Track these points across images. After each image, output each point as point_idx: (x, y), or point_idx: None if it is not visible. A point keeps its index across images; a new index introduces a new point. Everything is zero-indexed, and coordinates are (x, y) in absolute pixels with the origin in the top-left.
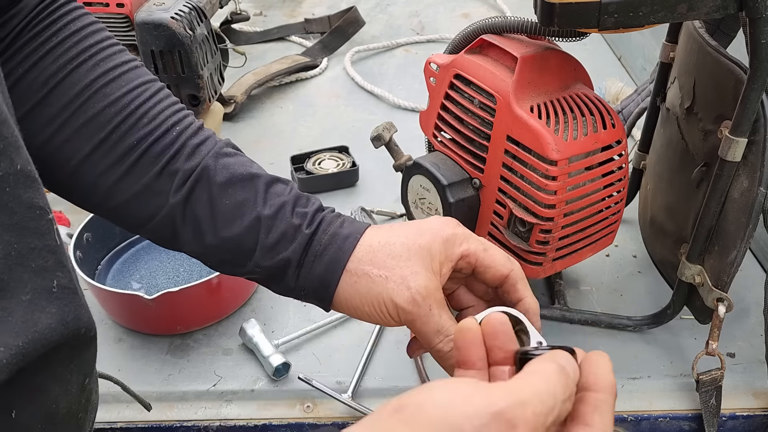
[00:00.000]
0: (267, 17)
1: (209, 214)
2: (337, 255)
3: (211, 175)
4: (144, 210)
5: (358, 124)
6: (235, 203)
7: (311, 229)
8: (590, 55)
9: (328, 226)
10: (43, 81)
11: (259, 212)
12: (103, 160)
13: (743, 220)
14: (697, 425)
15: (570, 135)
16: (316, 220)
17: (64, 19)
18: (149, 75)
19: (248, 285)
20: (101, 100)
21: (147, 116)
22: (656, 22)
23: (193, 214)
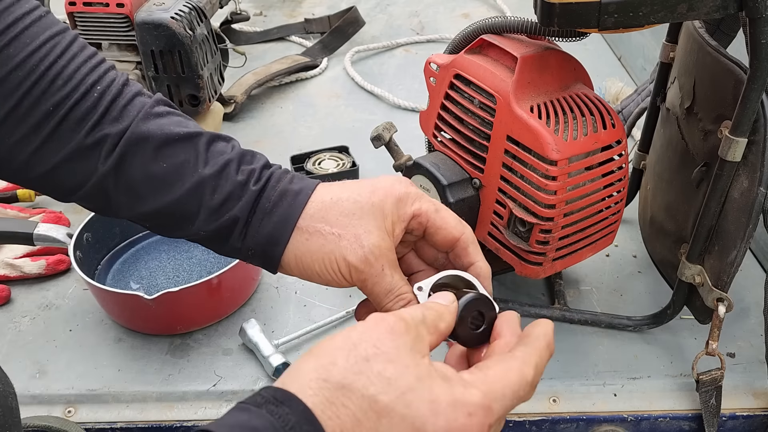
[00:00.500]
0: (267, 17)
1: (145, 180)
2: (288, 212)
3: (143, 137)
4: (70, 180)
5: (358, 124)
6: (173, 166)
7: (259, 185)
8: (590, 55)
9: (277, 183)
10: None
11: (201, 173)
12: (15, 131)
13: (743, 220)
14: (697, 425)
15: (570, 135)
16: (264, 176)
17: None
18: (58, 24)
19: (248, 285)
20: (4, 63)
21: (61, 77)
22: (656, 22)
23: (126, 181)
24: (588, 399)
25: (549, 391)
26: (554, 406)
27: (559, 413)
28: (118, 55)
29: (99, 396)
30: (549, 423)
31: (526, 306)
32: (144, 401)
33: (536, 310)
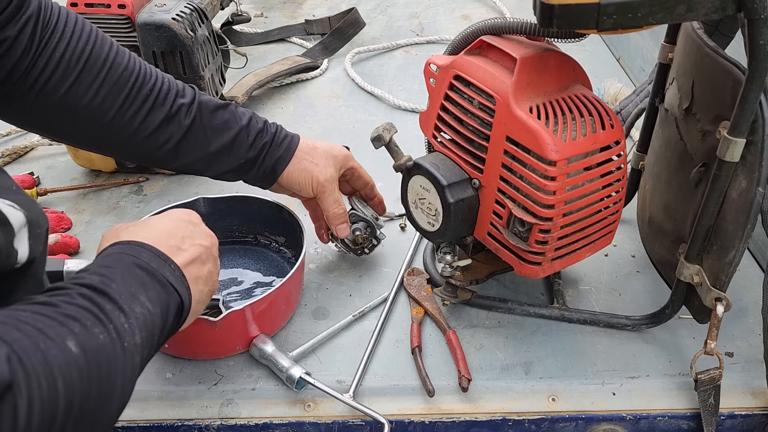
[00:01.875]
0: (268, 18)
1: (211, 129)
2: (290, 145)
3: (203, 104)
4: (164, 136)
5: (358, 124)
6: (222, 120)
7: (272, 129)
8: (589, 56)
9: (281, 129)
10: (74, 62)
11: (239, 124)
12: (131, 108)
13: (741, 220)
14: (695, 424)
15: (569, 136)
16: (270, 125)
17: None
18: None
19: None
20: (116, 69)
21: (147, 73)
22: (655, 23)
23: (199, 131)
24: (587, 398)
25: (548, 390)
26: (553, 405)
27: (558, 412)
28: None
29: None
30: (548, 422)
31: (526, 306)
32: (145, 400)
33: (535, 310)
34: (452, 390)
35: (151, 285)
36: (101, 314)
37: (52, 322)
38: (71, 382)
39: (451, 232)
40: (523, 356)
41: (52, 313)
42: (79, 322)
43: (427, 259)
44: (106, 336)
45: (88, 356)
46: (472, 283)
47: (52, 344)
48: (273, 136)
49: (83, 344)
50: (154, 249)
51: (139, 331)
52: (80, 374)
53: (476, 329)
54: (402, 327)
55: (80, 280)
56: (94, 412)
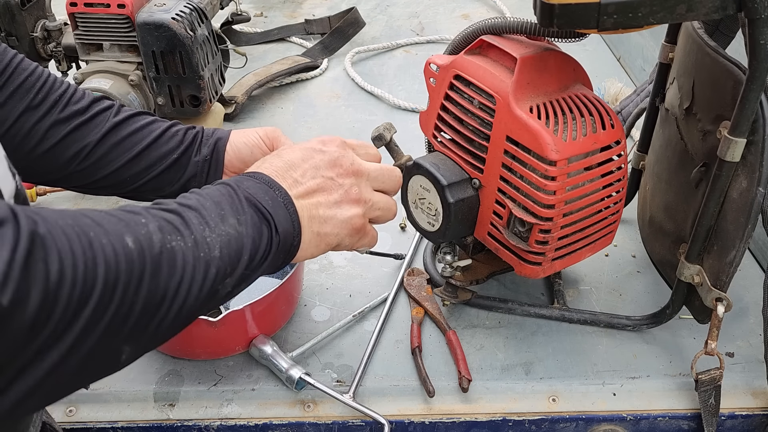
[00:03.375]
0: (267, 18)
1: (129, 134)
2: (222, 130)
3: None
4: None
5: (358, 124)
6: (145, 122)
7: (199, 127)
8: (589, 56)
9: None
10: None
11: (164, 123)
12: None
13: (742, 220)
14: (696, 425)
15: (569, 135)
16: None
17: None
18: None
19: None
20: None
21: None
22: (655, 22)
23: (117, 135)
24: (587, 398)
25: (548, 391)
26: (553, 406)
27: (558, 412)
28: (119, 55)
29: (100, 395)
30: (548, 422)
31: (526, 306)
32: (145, 401)
33: (536, 310)
34: (452, 390)
35: (246, 210)
36: (183, 225)
37: (120, 223)
38: (115, 270)
39: (451, 232)
40: (523, 356)
41: (125, 216)
42: (151, 226)
43: (427, 260)
44: (179, 243)
45: (146, 254)
46: (472, 283)
47: (104, 235)
48: (202, 128)
49: (144, 242)
50: (264, 177)
51: (221, 247)
52: (129, 266)
53: (476, 329)
54: (402, 327)
55: (179, 199)
56: (141, 309)
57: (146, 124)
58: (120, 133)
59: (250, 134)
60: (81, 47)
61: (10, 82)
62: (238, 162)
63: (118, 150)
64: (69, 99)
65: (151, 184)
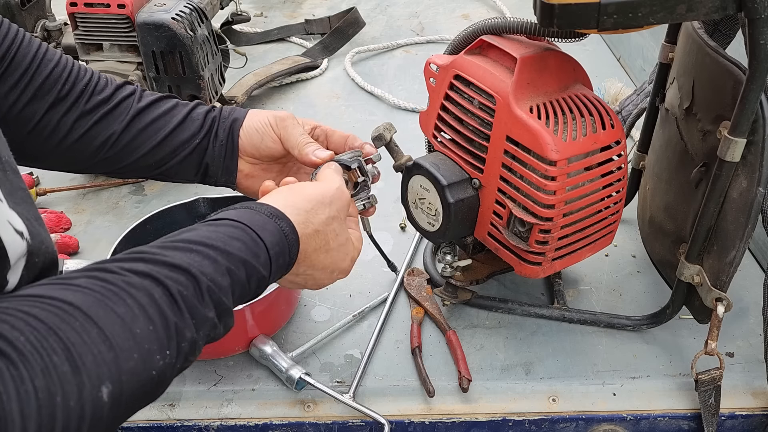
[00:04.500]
0: (267, 18)
1: (153, 120)
2: (239, 111)
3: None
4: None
5: (358, 124)
6: (166, 108)
7: (219, 107)
8: (589, 56)
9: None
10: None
11: (185, 108)
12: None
13: (742, 220)
14: (696, 425)
15: (569, 135)
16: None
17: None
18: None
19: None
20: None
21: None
22: (655, 22)
23: (142, 122)
24: (587, 398)
25: (548, 391)
26: (554, 406)
27: (558, 412)
28: (119, 55)
29: None
30: (548, 422)
31: (526, 306)
32: None
33: (536, 310)
34: (452, 390)
35: (252, 285)
36: (174, 332)
37: (108, 354)
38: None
39: (451, 232)
40: (523, 356)
41: (121, 334)
42: (143, 347)
43: (427, 260)
44: (166, 362)
45: (123, 400)
46: (472, 283)
47: (75, 394)
48: (220, 109)
49: (125, 384)
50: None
51: (208, 331)
52: (94, 423)
53: (476, 329)
54: (402, 327)
55: (203, 249)
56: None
57: (169, 109)
58: (144, 120)
59: (262, 119)
60: (81, 47)
61: (37, 74)
62: (251, 148)
63: (142, 137)
64: (93, 88)
65: (175, 168)
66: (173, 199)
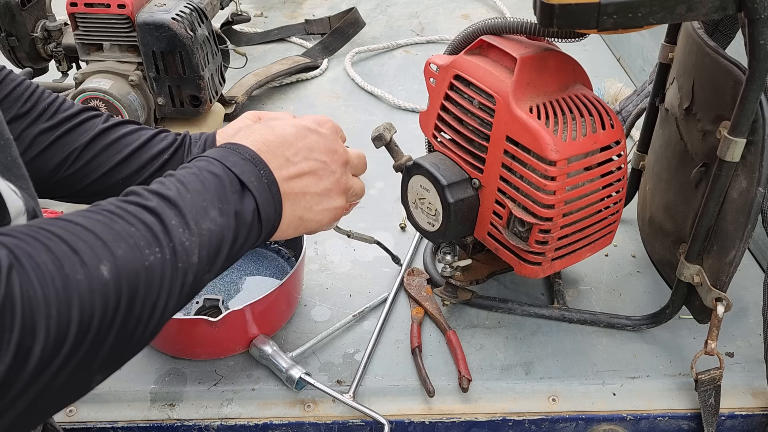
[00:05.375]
0: (268, 18)
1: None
2: (209, 135)
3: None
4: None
5: (358, 124)
6: (133, 128)
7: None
8: (589, 56)
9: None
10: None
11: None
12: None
13: (742, 220)
14: (696, 424)
15: (569, 135)
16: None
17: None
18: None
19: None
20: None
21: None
22: (655, 23)
23: (106, 139)
24: (587, 398)
25: (548, 391)
26: (553, 406)
27: (558, 412)
28: (120, 56)
29: (100, 395)
30: (548, 422)
31: (526, 306)
32: (145, 401)
33: (535, 310)
34: (452, 390)
35: (228, 195)
36: (162, 232)
37: (97, 242)
38: (90, 309)
39: (451, 232)
40: (523, 356)
41: (104, 230)
42: (129, 241)
43: (427, 259)
44: (157, 257)
45: (122, 281)
46: (472, 283)
47: (79, 268)
48: (187, 134)
49: (121, 267)
50: (250, 153)
51: (199, 249)
52: (104, 301)
53: (476, 329)
54: (402, 327)
55: (160, 187)
56: (114, 339)
57: (135, 129)
58: (109, 137)
59: (240, 120)
60: (81, 47)
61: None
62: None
63: (107, 153)
64: (58, 108)
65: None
66: None
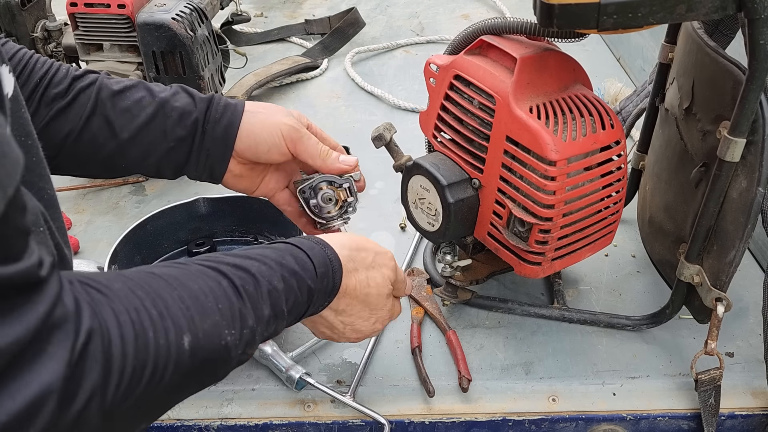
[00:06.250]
0: (268, 18)
1: (116, 114)
2: (235, 107)
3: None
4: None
5: (358, 124)
6: (134, 100)
7: (207, 98)
8: (589, 56)
9: (219, 98)
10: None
11: (158, 99)
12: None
13: (742, 220)
14: (696, 424)
15: (569, 135)
16: (205, 95)
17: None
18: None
19: None
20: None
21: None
22: (655, 22)
23: (103, 117)
24: (587, 398)
25: (548, 390)
26: (553, 405)
27: (558, 412)
28: (120, 56)
29: None
30: (548, 422)
31: (526, 306)
32: None
33: (535, 310)
34: (452, 390)
35: (300, 307)
36: (239, 313)
37: (186, 313)
38: (162, 373)
39: (451, 232)
40: (523, 356)
41: (195, 299)
42: (214, 318)
43: (427, 259)
44: (233, 338)
45: (198, 355)
46: (472, 283)
47: (163, 335)
48: (208, 103)
49: (202, 342)
50: (334, 284)
51: (262, 333)
52: (177, 369)
53: (476, 329)
54: (402, 327)
55: (259, 269)
56: (177, 394)
57: (136, 101)
58: (105, 116)
59: (272, 130)
60: (81, 47)
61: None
62: (250, 154)
63: (104, 135)
64: (50, 81)
65: (151, 171)
66: (173, 199)
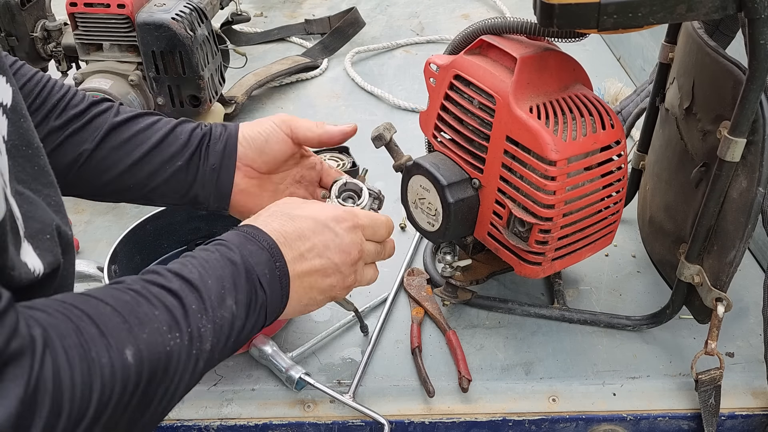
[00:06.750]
0: (267, 18)
1: (128, 137)
2: (231, 125)
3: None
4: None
5: (358, 124)
6: (147, 124)
7: (208, 124)
8: (589, 56)
9: (216, 124)
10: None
11: (171, 123)
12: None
13: (742, 220)
14: (696, 425)
15: (569, 135)
16: (201, 126)
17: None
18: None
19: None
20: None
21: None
22: (655, 22)
23: (116, 139)
24: (587, 398)
25: (548, 391)
26: (554, 406)
27: (558, 412)
28: (119, 55)
29: None
30: (548, 422)
31: (526, 306)
32: None
33: (535, 310)
34: (452, 390)
35: (243, 285)
36: (183, 317)
37: (123, 325)
38: (110, 391)
39: (451, 232)
40: (523, 356)
41: (129, 312)
42: (154, 325)
43: (427, 259)
44: (177, 342)
45: (144, 366)
46: (472, 283)
47: (105, 352)
48: (210, 127)
49: (144, 352)
50: (268, 242)
51: (212, 336)
52: (124, 384)
53: (476, 329)
54: (402, 327)
55: (182, 270)
56: (128, 419)
57: (148, 125)
58: (119, 137)
59: (265, 124)
60: (81, 47)
61: None
62: (253, 153)
63: (116, 155)
64: (67, 103)
65: (159, 191)
66: None
